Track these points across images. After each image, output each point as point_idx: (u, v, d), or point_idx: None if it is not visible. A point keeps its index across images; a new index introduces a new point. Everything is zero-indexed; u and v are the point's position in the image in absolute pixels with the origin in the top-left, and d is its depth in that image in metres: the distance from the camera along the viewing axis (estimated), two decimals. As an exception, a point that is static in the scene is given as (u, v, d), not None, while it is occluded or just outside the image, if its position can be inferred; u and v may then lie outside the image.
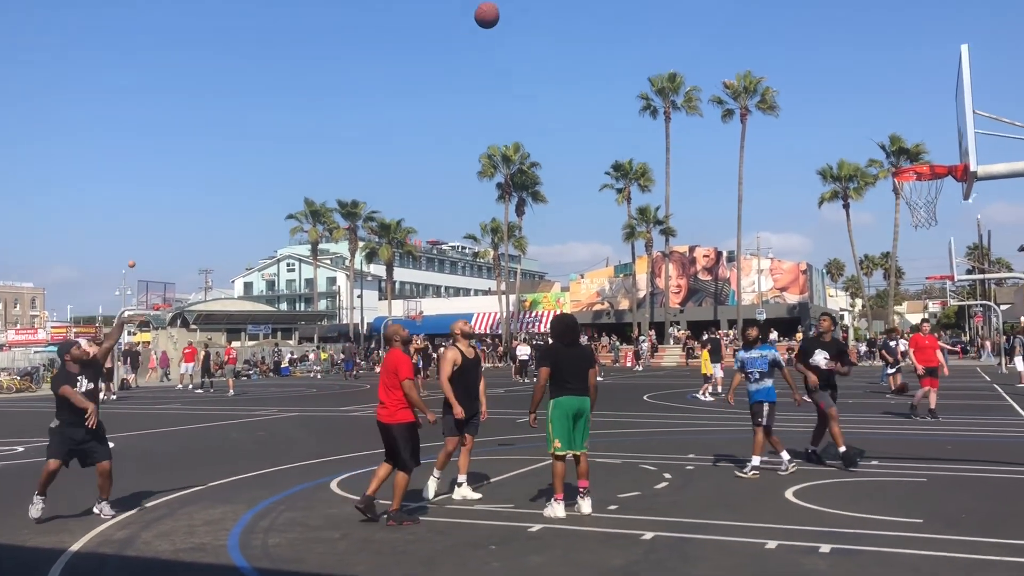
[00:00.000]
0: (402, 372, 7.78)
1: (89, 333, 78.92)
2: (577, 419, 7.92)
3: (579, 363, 7.98)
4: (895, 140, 54.04)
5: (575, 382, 7.92)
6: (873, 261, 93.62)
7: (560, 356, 7.99)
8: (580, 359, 8.02)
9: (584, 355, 8.16)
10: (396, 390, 7.79)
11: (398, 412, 7.81)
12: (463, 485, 8.99)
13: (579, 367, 7.96)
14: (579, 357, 8.04)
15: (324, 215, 67.95)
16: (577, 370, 7.95)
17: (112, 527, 7.87)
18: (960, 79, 8.57)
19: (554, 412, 7.92)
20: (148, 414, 21.62)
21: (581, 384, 7.93)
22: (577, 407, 7.91)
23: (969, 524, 7.33)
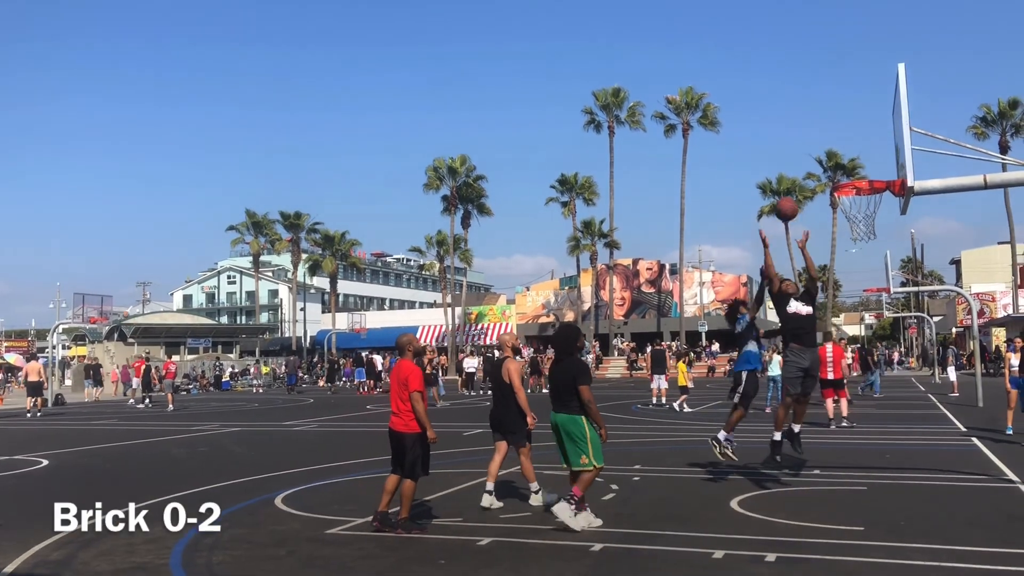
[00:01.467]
0: (412, 383, 7.91)
1: (21, 347, 76.71)
2: (560, 435, 7.91)
3: (560, 378, 7.97)
4: (832, 155, 55.40)
5: (556, 398, 7.97)
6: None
7: (550, 373, 8.19)
8: (562, 374, 7.97)
9: (564, 370, 7.99)
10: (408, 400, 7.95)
11: (411, 421, 8.00)
12: (538, 492, 9.05)
13: (560, 382, 7.96)
14: (561, 372, 8.01)
15: (266, 226, 67.21)
16: (557, 385, 8.00)
17: (48, 547, 7.63)
18: (897, 97, 8.81)
19: None
20: (85, 430, 21.05)
21: (560, 400, 7.91)
22: (554, 422, 7.95)
23: (909, 531, 7.50)
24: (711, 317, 57.23)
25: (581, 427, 7.76)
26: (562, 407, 7.90)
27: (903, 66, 8.69)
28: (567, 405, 7.86)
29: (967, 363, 39.47)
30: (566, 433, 7.84)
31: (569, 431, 7.80)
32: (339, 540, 7.68)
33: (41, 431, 21.19)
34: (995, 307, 53.17)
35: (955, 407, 21.65)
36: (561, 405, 7.91)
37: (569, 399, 7.85)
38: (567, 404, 7.86)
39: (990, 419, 17.40)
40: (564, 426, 7.84)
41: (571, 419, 7.81)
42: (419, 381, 7.94)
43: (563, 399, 7.90)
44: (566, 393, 7.87)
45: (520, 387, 8.87)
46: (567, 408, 7.86)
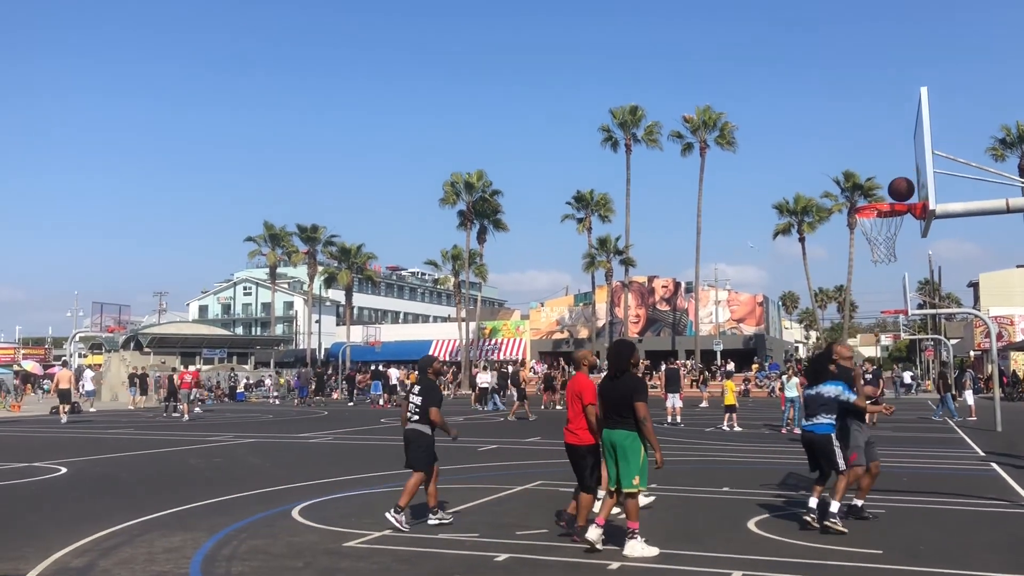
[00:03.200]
0: (585, 397, 8.08)
1: (38, 355, 77.28)
2: (612, 453, 7.72)
3: (613, 395, 7.76)
4: (849, 175, 55.22)
5: (609, 414, 7.76)
6: (827, 294, 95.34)
7: (602, 388, 7.93)
8: (615, 391, 7.77)
9: (617, 387, 7.78)
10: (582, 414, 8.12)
11: (583, 433, 8.10)
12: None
13: (612, 399, 7.74)
14: (613, 389, 7.80)
15: (283, 239, 67.56)
16: (609, 402, 7.77)
17: (69, 554, 7.70)
18: (919, 120, 8.83)
19: None
20: (101, 439, 21.18)
21: (614, 417, 7.70)
22: (607, 440, 7.76)
23: (927, 555, 7.46)
24: (726, 336, 57.08)
25: (637, 446, 7.59)
26: (617, 424, 7.68)
27: (925, 90, 8.71)
28: (623, 422, 7.65)
29: (985, 387, 39.18)
30: (621, 451, 7.62)
31: (623, 448, 7.61)
32: (356, 553, 7.70)
33: (58, 439, 21.34)
34: (1013, 331, 52.71)
35: (973, 431, 21.49)
36: (616, 422, 7.69)
37: (625, 415, 7.64)
38: (623, 421, 7.65)
39: (1009, 443, 17.28)
40: (620, 443, 7.63)
41: (627, 435, 7.62)
42: (593, 395, 8.06)
43: (618, 415, 7.68)
44: (622, 409, 7.66)
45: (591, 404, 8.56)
46: (623, 424, 7.65)
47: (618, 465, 7.62)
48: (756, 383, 47.57)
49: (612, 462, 7.70)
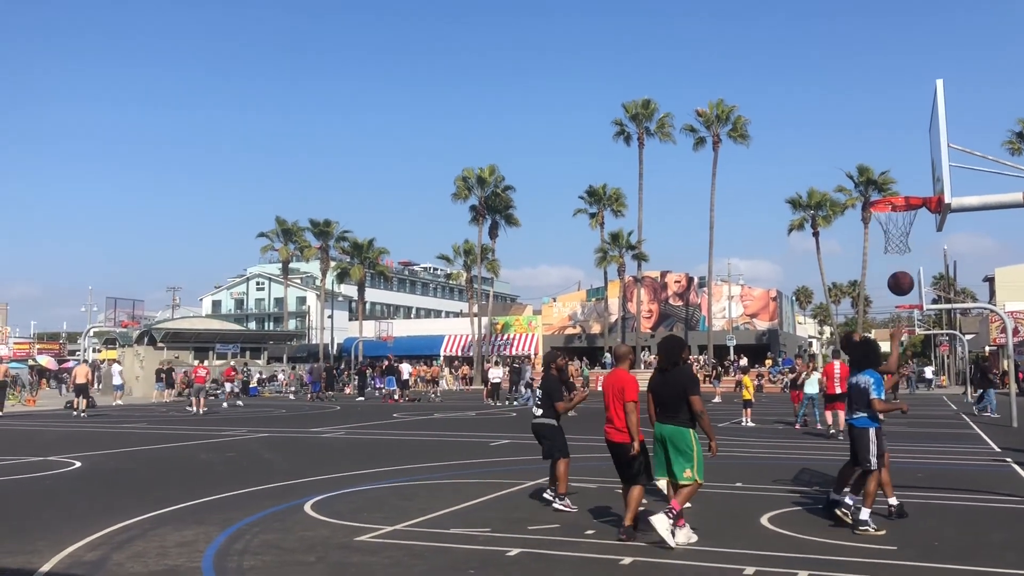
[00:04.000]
0: (628, 394, 7.91)
1: (52, 349, 77.77)
2: (664, 445, 7.82)
3: (666, 389, 7.88)
4: (863, 170, 54.95)
5: (662, 408, 7.87)
6: (841, 289, 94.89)
7: (652, 383, 8.04)
8: (666, 385, 7.89)
9: (672, 380, 7.89)
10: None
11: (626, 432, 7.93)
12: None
13: (667, 392, 7.84)
14: (666, 383, 7.91)
15: (296, 234, 67.75)
16: (663, 396, 7.87)
17: (82, 548, 7.72)
18: (935, 113, 8.75)
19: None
20: (115, 433, 21.29)
21: (667, 411, 7.81)
22: (659, 433, 7.87)
23: (942, 551, 7.41)
24: (739, 331, 56.91)
25: (688, 439, 7.68)
26: (670, 418, 7.77)
27: (941, 83, 8.63)
28: (675, 416, 7.74)
29: (1001, 382, 38.91)
30: (672, 444, 7.72)
31: (676, 443, 7.71)
32: (368, 548, 7.70)
33: (73, 433, 21.46)
34: (1029, 326, 52.30)
35: (988, 427, 21.34)
36: (669, 416, 7.78)
37: (678, 409, 7.74)
38: (675, 415, 7.75)
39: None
40: (671, 437, 7.73)
41: (679, 431, 7.71)
42: (635, 391, 7.94)
43: (671, 409, 7.78)
44: (674, 403, 7.76)
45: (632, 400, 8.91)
46: (675, 419, 7.74)
47: (670, 458, 7.73)
48: (769, 378, 47.44)
49: (663, 455, 7.81)
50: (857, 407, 8.65)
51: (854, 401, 8.71)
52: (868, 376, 8.57)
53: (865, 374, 8.63)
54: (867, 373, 8.62)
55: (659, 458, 7.87)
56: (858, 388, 8.67)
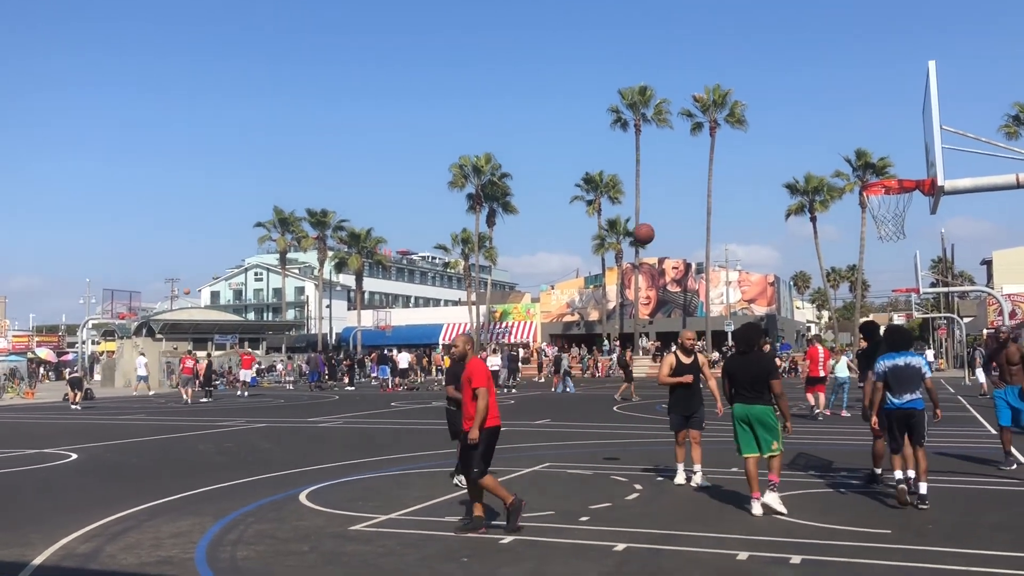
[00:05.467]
0: (475, 380, 7.83)
1: (52, 342, 77.74)
2: (751, 425, 8.50)
3: (747, 372, 8.54)
4: (861, 154, 54.81)
5: (744, 391, 8.52)
6: (839, 274, 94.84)
7: (732, 366, 8.73)
8: (748, 369, 8.57)
9: (754, 364, 8.60)
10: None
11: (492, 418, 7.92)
12: (698, 474, 10.03)
13: (749, 375, 8.52)
14: (750, 366, 8.59)
15: (293, 224, 67.58)
16: (744, 379, 8.53)
17: (76, 540, 7.72)
18: (928, 95, 8.70)
19: (733, 418, 8.69)
20: (113, 424, 21.29)
21: (751, 392, 8.48)
22: (745, 414, 8.52)
23: (936, 534, 7.41)
24: (737, 317, 56.89)
25: (773, 416, 8.47)
26: (756, 399, 8.47)
27: (934, 64, 8.58)
28: (760, 396, 8.47)
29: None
30: (760, 423, 8.46)
31: (764, 421, 8.45)
32: (362, 537, 7.70)
33: (71, 425, 21.46)
34: (1027, 308, 52.31)
35: (985, 409, 21.34)
36: (754, 397, 8.47)
37: (761, 390, 8.46)
38: (760, 396, 8.47)
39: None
40: (759, 417, 8.45)
41: (766, 410, 8.46)
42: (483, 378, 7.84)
43: (755, 391, 8.47)
44: (757, 385, 8.47)
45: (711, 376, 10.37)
46: (760, 399, 8.47)
47: (758, 435, 8.48)
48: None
49: (750, 433, 8.52)
50: (907, 389, 8.77)
51: (903, 383, 8.78)
52: (920, 358, 8.95)
53: (913, 356, 8.93)
54: (913, 355, 8.94)
55: (748, 436, 8.55)
56: (911, 370, 8.78)
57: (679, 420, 10.32)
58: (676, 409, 10.37)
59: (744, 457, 8.59)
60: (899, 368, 8.79)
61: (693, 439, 10.24)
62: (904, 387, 8.76)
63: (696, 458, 10.18)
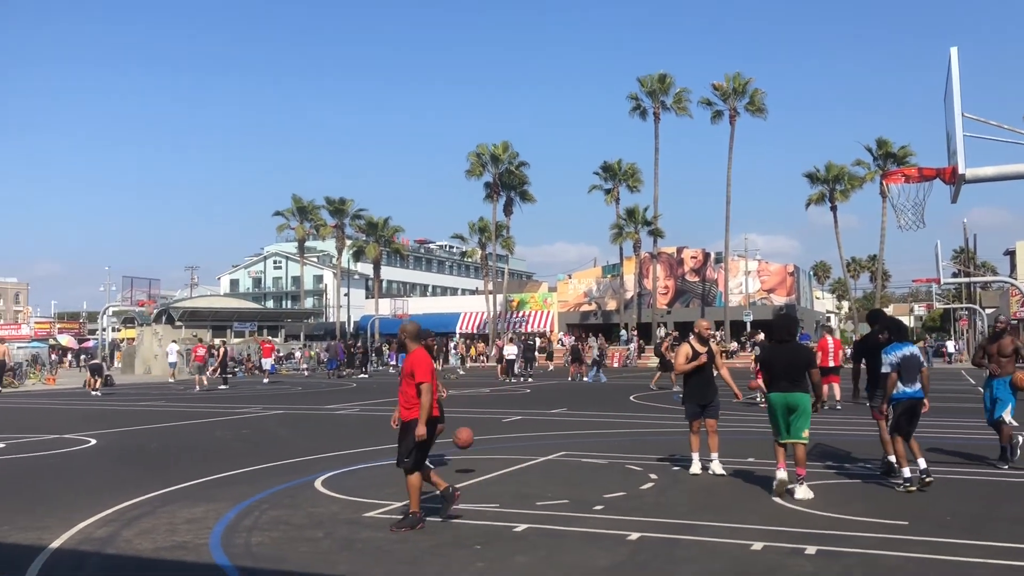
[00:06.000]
0: (418, 374, 7.53)
1: (73, 329, 78.49)
2: (788, 412, 8.68)
3: (790, 360, 8.75)
4: (882, 143, 54.28)
5: (783, 379, 8.70)
6: (860, 264, 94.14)
7: (771, 355, 8.93)
8: (787, 358, 8.77)
9: (794, 354, 8.84)
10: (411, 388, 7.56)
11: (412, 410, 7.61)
12: (715, 462, 10.04)
13: (790, 364, 8.72)
14: (786, 356, 8.80)
15: (311, 212, 67.72)
16: (782, 367, 8.73)
17: (93, 524, 7.78)
18: (949, 81, 8.57)
19: (768, 405, 8.88)
20: (132, 411, 21.46)
21: (788, 381, 8.67)
22: (784, 402, 8.70)
23: (955, 526, 7.33)
24: (756, 307, 56.61)
25: (810, 405, 8.75)
26: (794, 387, 8.68)
27: (955, 50, 8.44)
28: (799, 384, 8.69)
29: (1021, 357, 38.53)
30: (801, 410, 8.66)
31: (804, 408, 8.67)
32: (376, 523, 7.71)
33: (90, 411, 21.64)
34: (1051, 300, 51.72)
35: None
36: (793, 385, 8.68)
37: (800, 379, 8.69)
38: (799, 384, 8.69)
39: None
40: (801, 403, 8.66)
41: (805, 397, 8.69)
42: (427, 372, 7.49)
43: (793, 379, 8.68)
44: (797, 373, 8.68)
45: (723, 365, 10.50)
46: (799, 387, 8.68)
47: (792, 422, 8.68)
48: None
49: (784, 420, 8.72)
50: (913, 379, 9.06)
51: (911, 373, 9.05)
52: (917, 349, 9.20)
53: (914, 347, 9.16)
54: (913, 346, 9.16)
55: (783, 423, 8.74)
56: (915, 360, 9.06)
57: (695, 409, 10.29)
58: (691, 398, 10.34)
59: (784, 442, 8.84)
60: (907, 358, 9.08)
61: (709, 428, 10.23)
62: (911, 377, 9.09)
63: (713, 447, 10.17)
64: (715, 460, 10.11)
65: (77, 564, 6.50)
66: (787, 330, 9.12)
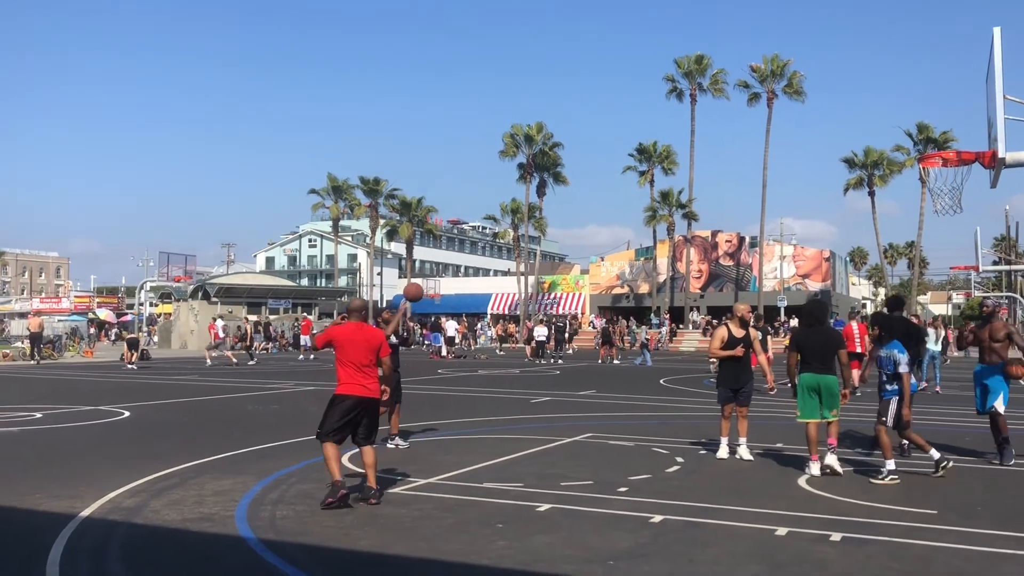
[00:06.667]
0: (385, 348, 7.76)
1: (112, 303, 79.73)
2: (818, 393, 8.99)
3: (822, 343, 9.06)
4: (922, 128, 53.37)
5: (814, 361, 9.01)
6: (897, 250, 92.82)
7: (802, 338, 9.21)
8: (818, 341, 9.08)
9: (825, 337, 9.18)
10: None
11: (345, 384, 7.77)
12: (742, 446, 10.06)
13: (821, 347, 9.03)
14: (821, 338, 9.14)
15: (346, 191, 68.06)
16: (815, 351, 9.02)
17: (123, 494, 7.90)
18: (991, 63, 8.36)
19: (798, 387, 9.12)
20: (166, 384, 21.78)
21: (820, 363, 8.99)
22: (815, 383, 9.00)
23: (984, 516, 7.21)
24: (791, 292, 56.07)
25: (838, 387, 9.06)
26: (824, 369, 9.01)
27: (999, 30, 8.22)
28: (828, 367, 9.03)
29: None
30: (828, 391, 8.97)
31: (833, 390, 8.98)
32: (399, 500, 7.75)
33: (125, 384, 22.00)
34: (1094, 289, 50.66)
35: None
36: (823, 367, 9.01)
37: (830, 361, 9.04)
38: (829, 366, 9.03)
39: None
40: (829, 385, 8.98)
41: (834, 380, 9.03)
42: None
43: (823, 361, 9.03)
44: (827, 356, 9.03)
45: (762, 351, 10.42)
46: (829, 369, 9.03)
47: (824, 401, 8.99)
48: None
49: (815, 401, 9.02)
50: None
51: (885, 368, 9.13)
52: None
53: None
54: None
55: (812, 403, 9.02)
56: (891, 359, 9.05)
57: (727, 394, 10.19)
58: (725, 382, 10.25)
59: (805, 423, 9.06)
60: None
61: (740, 413, 10.15)
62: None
63: (742, 431, 10.08)
64: (743, 445, 10.04)
65: (106, 532, 6.61)
66: (815, 314, 9.36)
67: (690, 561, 5.90)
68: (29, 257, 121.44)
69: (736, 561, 5.89)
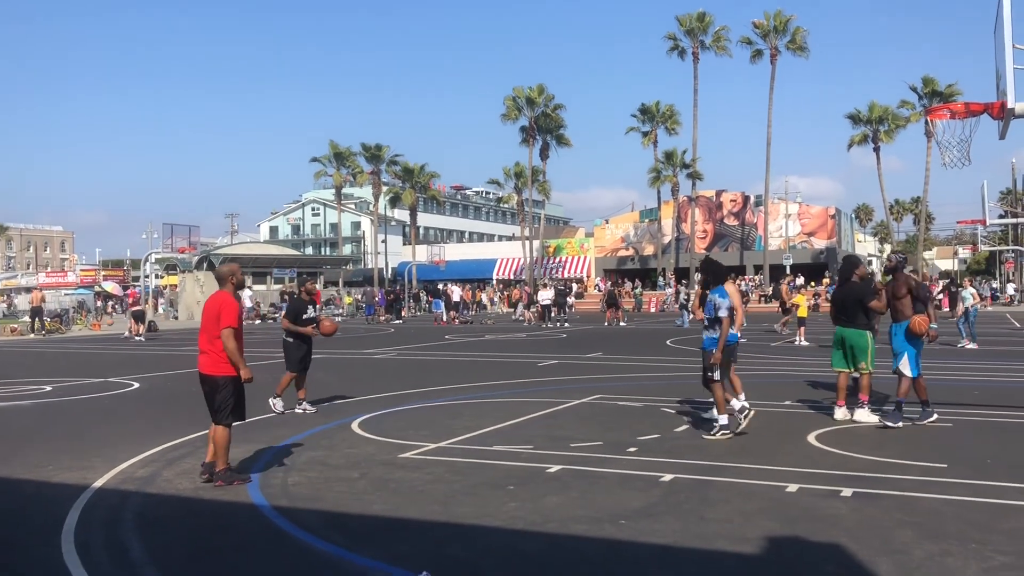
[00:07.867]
0: (224, 318, 6.98)
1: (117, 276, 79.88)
2: (845, 345, 9.57)
3: (846, 298, 9.65)
4: (928, 82, 52.83)
5: (842, 315, 9.65)
6: (903, 206, 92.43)
7: (835, 295, 10.09)
8: (846, 296, 9.68)
9: (851, 292, 9.64)
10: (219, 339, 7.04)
11: (222, 363, 7.11)
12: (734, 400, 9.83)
13: (846, 301, 9.63)
14: (848, 293, 9.69)
15: (348, 159, 67.75)
16: (843, 305, 9.65)
17: (135, 465, 7.95)
18: (1000, 11, 8.22)
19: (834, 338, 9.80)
20: (174, 355, 21.86)
21: (847, 316, 9.58)
22: (840, 335, 9.67)
23: (994, 469, 7.22)
24: (796, 250, 55.93)
25: (865, 339, 9.47)
26: (848, 322, 9.55)
27: (1007, -24, 8.08)
28: (853, 320, 9.52)
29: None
30: (851, 343, 9.48)
31: (854, 342, 9.46)
32: (411, 464, 7.79)
33: (135, 355, 22.08)
34: (1101, 241, 50.39)
35: (1052, 344, 20.73)
36: (848, 320, 9.56)
37: (855, 315, 9.51)
38: (853, 320, 9.52)
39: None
40: (850, 338, 9.49)
41: (857, 332, 9.49)
42: (233, 316, 6.98)
43: (849, 315, 9.55)
44: (853, 310, 9.52)
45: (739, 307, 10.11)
46: (853, 323, 9.52)
47: (850, 355, 9.54)
48: (826, 297, 46.65)
49: (842, 352, 9.64)
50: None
51: None
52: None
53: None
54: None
55: (840, 354, 9.67)
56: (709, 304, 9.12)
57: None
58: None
59: (836, 371, 9.77)
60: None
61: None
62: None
63: (737, 388, 9.80)
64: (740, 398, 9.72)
65: (119, 502, 6.65)
66: (841, 272, 10.02)
67: (701, 519, 5.91)
68: (33, 232, 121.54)
69: (747, 518, 5.90)
